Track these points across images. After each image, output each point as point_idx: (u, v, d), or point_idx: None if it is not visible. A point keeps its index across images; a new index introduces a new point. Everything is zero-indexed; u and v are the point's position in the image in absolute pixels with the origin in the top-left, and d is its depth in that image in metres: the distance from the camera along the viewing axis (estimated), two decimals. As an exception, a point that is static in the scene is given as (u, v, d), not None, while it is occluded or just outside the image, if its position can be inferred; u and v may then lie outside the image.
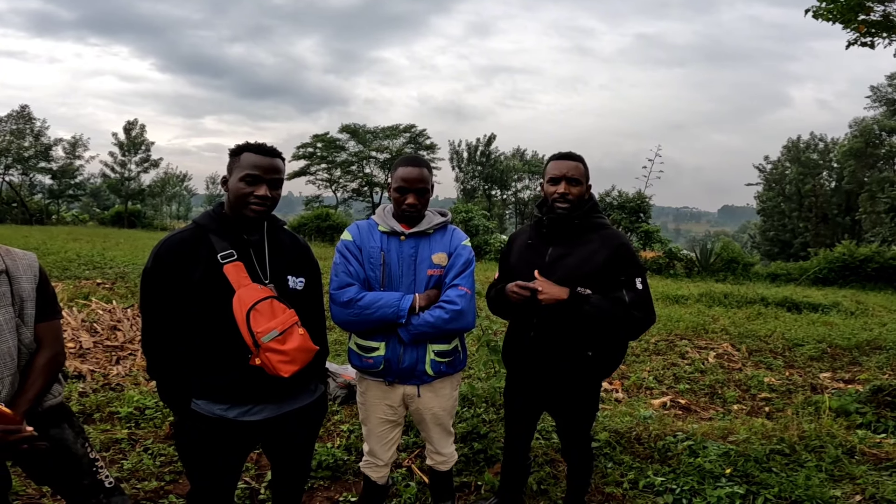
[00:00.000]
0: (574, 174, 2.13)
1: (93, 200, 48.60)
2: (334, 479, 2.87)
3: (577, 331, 2.11)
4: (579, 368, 2.16)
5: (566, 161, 2.16)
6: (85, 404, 3.65)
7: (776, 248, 34.80)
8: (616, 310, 2.05)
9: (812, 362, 5.92)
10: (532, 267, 2.16)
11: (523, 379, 2.33)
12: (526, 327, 2.22)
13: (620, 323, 2.06)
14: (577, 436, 2.33)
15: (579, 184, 2.14)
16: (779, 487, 2.78)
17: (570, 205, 2.14)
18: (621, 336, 2.20)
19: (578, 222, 2.16)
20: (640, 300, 2.06)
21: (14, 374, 1.61)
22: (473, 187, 45.59)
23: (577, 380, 2.19)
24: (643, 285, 2.09)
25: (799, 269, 15.88)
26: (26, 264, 1.70)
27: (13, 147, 34.38)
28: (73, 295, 7.10)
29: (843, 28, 6.12)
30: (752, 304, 9.75)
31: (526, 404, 2.37)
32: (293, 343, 1.71)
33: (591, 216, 2.18)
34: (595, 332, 2.11)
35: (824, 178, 34.69)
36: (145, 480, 2.76)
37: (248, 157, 1.73)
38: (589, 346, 2.13)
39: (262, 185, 1.72)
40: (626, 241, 2.17)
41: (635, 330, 2.10)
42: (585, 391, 2.24)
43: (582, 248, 2.13)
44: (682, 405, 4.44)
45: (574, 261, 2.11)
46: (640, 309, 2.06)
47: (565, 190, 2.12)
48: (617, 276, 2.08)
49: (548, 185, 2.19)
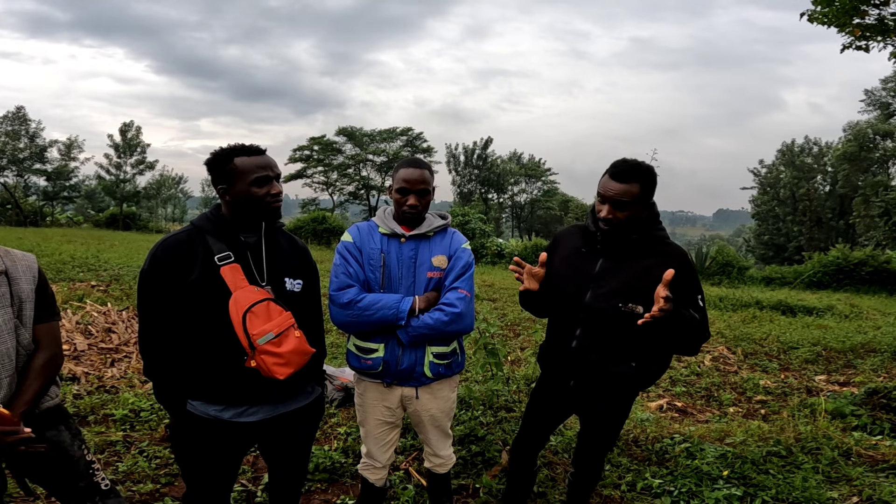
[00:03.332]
0: (622, 197, 1.89)
1: (87, 202, 48.36)
2: (332, 482, 2.86)
3: (621, 342, 1.99)
4: (621, 379, 2.05)
5: (615, 183, 1.90)
6: (80, 406, 3.62)
7: (771, 251, 34.97)
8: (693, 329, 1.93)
9: (807, 365, 5.95)
10: (579, 275, 2.02)
11: (559, 385, 2.20)
12: (568, 336, 2.08)
13: (695, 338, 1.96)
14: (599, 445, 2.23)
15: (628, 208, 1.90)
16: (776, 489, 2.78)
17: (612, 228, 1.95)
18: (684, 352, 2.06)
19: (636, 237, 1.98)
20: (704, 318, 1.96)
21: (12, 375, 1.60)
22: (470, 191, 45.63)
23: (617, 390, 2.09)
24: (703, 303, 1.98)
25: (793, 272, 15.98)
26: (25, 265, 1.69)
27: (8, 148, 34.23)
28: (67, 297, 7.06)
29: (838, 32, 6.16)
30: (748, 307, 9.80)
31: (555, 410, 2.27)
32: (289, 346, 1.70)
33: (650, 230, 2.00)
34: (641, 344, 1.98)
35: (818, 181, 34.90)
36: (141, 483, 2.74)
37: (247, 161, 1.72)
38: (633, 356, 2.01)
39: (274, 183, 1.76)
40: (688, 258, 2.00)
41: (698, 346, 2.01)
42: (621, 401, 2.14)
43: (637, 262, 1.95)
44: (678, 408, 4.45)
45: (627, 275, 1.96)
46: (704, 327, 1.97)
47: (608, 214, 1.92)
48: (680, 294, 1.91)
49: (596, 199, 1.99)
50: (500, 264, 18.96)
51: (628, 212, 1.91)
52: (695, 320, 1.91)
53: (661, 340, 1.98)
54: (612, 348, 2.01)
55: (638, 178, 1.90)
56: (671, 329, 1.86)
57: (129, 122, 37.61)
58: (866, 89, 31.71)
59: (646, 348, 2.01)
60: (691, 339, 1.95)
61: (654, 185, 1.95)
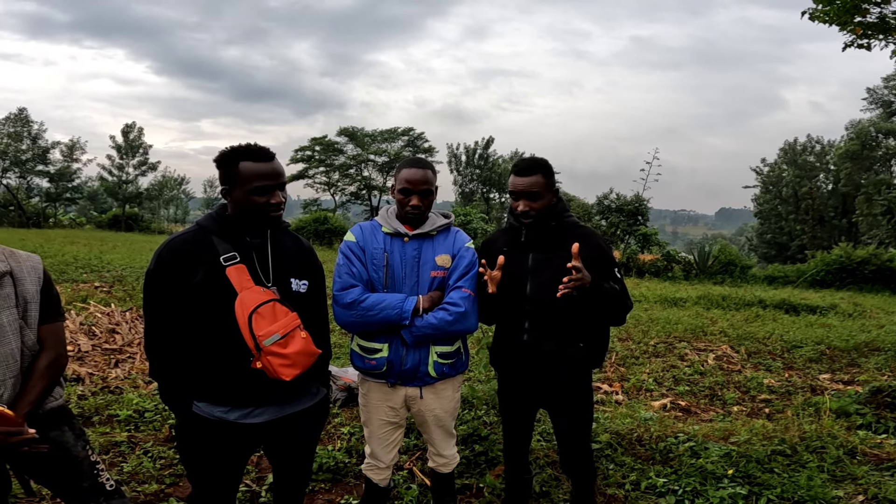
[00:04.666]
0: (532, 189, 2.12)
1: (90, 204, 48.48)
2: (335, 482, 2.86)
3: (567, 325, 2.16)
4: (573, 361, 2.20)
5: (522, 178, 2.14)
6: (84, 407, 3.63)
7: (773, 250, 34.87)
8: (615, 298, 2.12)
9: (811, 364, 5.93)
10: (516, 272, 2.17)
11: (518, 380, 2.32)
12: (517, 331, 2.22)
13: (620, 307, 2.15)
14: (577, 437, 2.29)
15: (540, 198, 2.13)
16: (781, 488, 2.78)
17: (533, 219, 2.15)
18: (612, 322, 2.27)
19: (555, 224, 2.19)
20: (624, 288, 2.16)
21: (17, 375, 1.60)
22: (471, 190, 45.60)
23: (572, 371, 2.22)
24: (620, 274, 2.19)
25: (796, 271, 15.93)
26: (30, 266, 1.69)
27: (10, 150, 34.30)
28: (71, 298, 7.08)
29: (840, 30, 6.14)
30: (751, 306, 9.78)
31: (522, 405, 2.36)
32: (295, 347, 1.70)
33: (562, 218, 2.21)
34: (584, 324, 2.17)
35: (821, 180, 34.77)
36: (145, 483, 2.74)
37: (251, 167, 1.69)
38: (579, 337, 2.18)
39: (275, 193, 1.73)
40: (601, 238, 2.25)
41: (624, 316, 2.20)
42: (580, 383, 2.26)
43: (562, 250, 2.11)
44: (682, 407, 4.44)
45: (557, 263, 2.10)
46: (625, 296, 2.17)
47: (526, 208, 2.13)
48: (599, 269, 2.11)
49: (511, 197, 2.20)
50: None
51: (541, 201, 2.13)
52: (615, 290, 2.09)
53: (595, 316, 2.15)
54: (561, 333, 2.16)
55: (538, 170, 2.14)
56: (597, 299, 2.04)
57: (131, 124, 37.67)
58: (868, 87, 31.60)
59: (588, 327, 2.19)
60: (616, 308, 2.12)
61: (553, 175, 2.20)
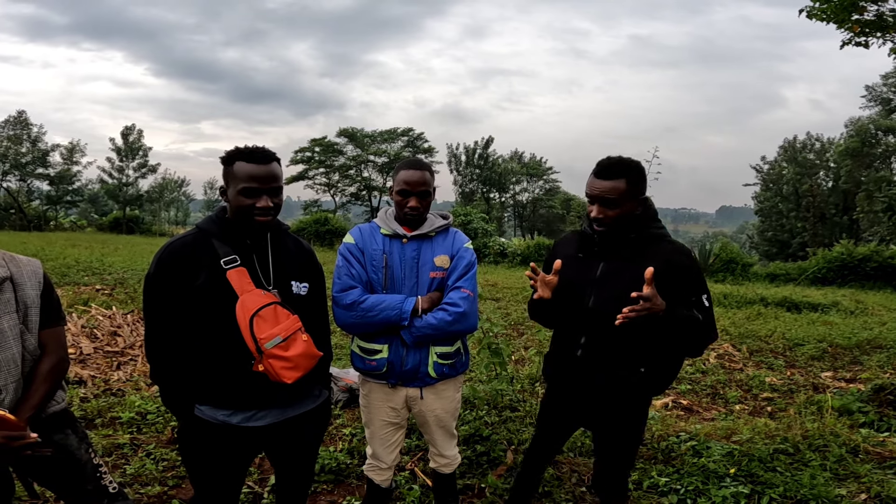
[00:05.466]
0: (609, 195, 1.85)
1: (91, 206, 48.52)
2: (337, 483, 2.86)
3: (628, 347, 1.93)
4: (630, 386, 1.97)
5: (600, 181, 1.87)
6: (86, 410, 3.63)
7: (774, 248, 34.82)
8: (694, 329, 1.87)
9: (813, 362, 5.92)
10: (580, 281, 1.98)
11: (566, 396, 2.15)
12: (573, 345, 2.04)
13: (698, 339, 1.91)
14: (619, 460, 2.13)
15: (617, 206, 1.86)
16: (784, 487, 2.77)
17: (607, 228, 1.91)
18: (688, 353, 2.03)
19: (635, 236, 1.93)
20: (709, 318, 1.89)
21: (18, 380, 1.61)
22: (472, 190, 45.61)
23: (627, 398, 2.01)
24: (709, 302, 1.92)
25: (798, 268, 15.91)
26: (31, 271, 1.69)
27: (10, 153, 34.34)
28: (72, 301, 7.08)
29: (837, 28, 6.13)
30: (752, 304, 9.76)
31: (564, 421, 2.22)
32: (296, 349, 1.69)
33: (648, 228, 1.94)
34: (649, 348, 1.93)
35: (821, 177, 34.72)
36: (148, 485, 2.74)
37: (243, 168, 1.67)
38: (641, 362, 1.94)
39: (263, 197, 1.67)
40: (691, 257, 1.94)
41: (703, 348, 1.96)
42: (634, 410, 2.06)
43: (639, 263, 1.85)
44: (684, 406, 4.44)
45: (629, 277, 1.85)
46: (709, 326, 1.89)
47: (599, 214, 1.89)
48: (683, 294, 1.87)
49: (587, 199, 1.95)
50: (502, 263, 18.95)
51: (619, 209, 1.87)
52: (694, 320, 1.85)
53: (666, 343, 1.91)
54: (619, 354, 1.95)
55: (623, 174, 1.86)
56: (667, 329, 1.82)
57: (131, 126, 37.72)
58: (867, 85, 31.55)
59: (654, 353, 1.95)
60: (692, 340, 1.90)
61: (642, 181, 1.91)
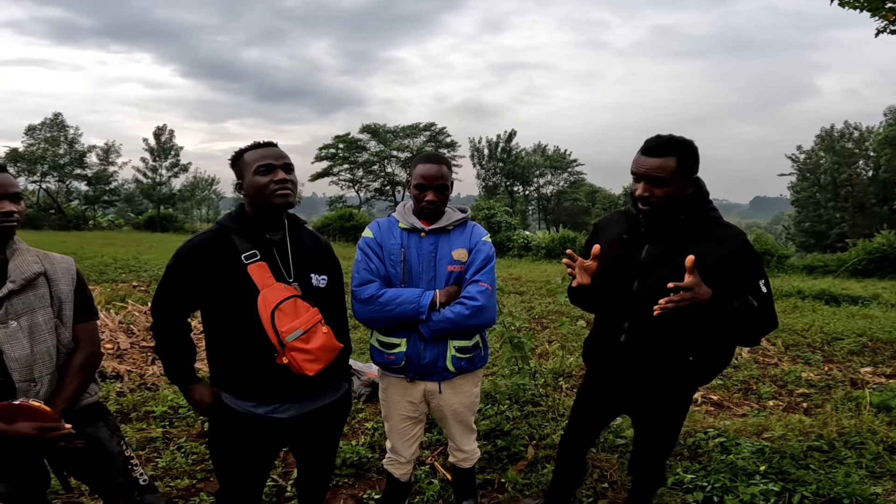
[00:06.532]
0: (656, 173, 1.75)
1: (127, 206, 50.17)
2: (358, 477, 2.90)
3: (676, 334, 1.85)
4: (678, 374, 1.91)
5: (648, 158, 1.77)
6: (123, 404, 3.76)
7: (812, 239, 33.61)
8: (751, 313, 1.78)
9: (852, 357, 5.70)
10: (623, 264, 1.89)
11: (608, 383, 2.09)
12: (616, 330, 1.97)
13: (754, 327, 1.81)
14: (659, 447, 2.11)
15: (665, 184, 1.76)
16: (816, 484, 2.68)
17: (653, 207, 1.81)
18: (742, 342, 1.92)
19: (685, 217, 1.82)
20: (767, 305, 1.79)
21: (52, 372, 1.66)
22: (495, 184, 45.38)
23: (673, 386, 1.96)
24: (767, 288, 1.81)
25: (837, 260, 15.32)
26: (64, 267, 1.76)
27: (48, 155, 35.72)
28: (110, 298, 7.34)
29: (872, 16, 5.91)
30: (789, 297, 9.44)
31: (604, 408, 2.17)
32: (317, 342, 1.72)
33: (702, 211, 1.84)
34: (698, 335, 1.85)
35: (860, 167, 33.32)
36: (178, 478, 2.82)
37: (252, 154, 1.76)
38: (690, 350, 1.87)
39: (278, 171, 1.73)
40: (746, 241, 1.84)
41: (759, 336, 1.86)
42: (679, 398, 2.00)
43: (689, 246, 1.76)
44: (714, 401, 4.33)
45: (678, 261, 1.72)
46: (767, 314, 1.80)
47: (644, 192, 1.79)
48: (738, 280, 1.79)
49: (633, 177, 1.86)
50: (526, 257, 18.81)
51: (667, 189, 1.77)
52: (748, 308, 1.75)
53: (717, 331, 1.81)
54: (665, 341, 1.87)
55: (673, 151, 1.75)
56: (718, 317, 1.73)
57: (162, 126, 38.80)
58: (906, 71, 30.02)
59: (703, 340, 1.86)
60: (747, 328, 1.80)
61: (695, 159, 1.79)
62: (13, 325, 1.60)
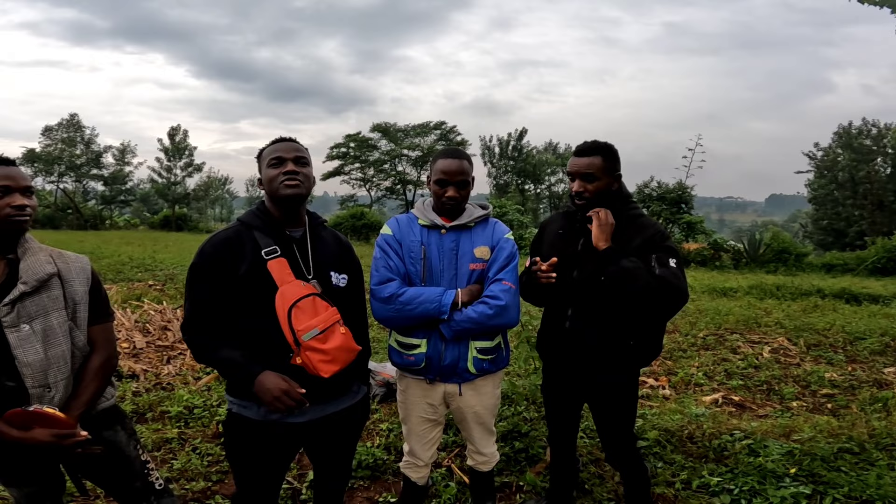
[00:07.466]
0: (587, 170, 2.08)
1: (143, 205, 50.78)
2: (374, 479, 2.85)
3: (615, 319, 2.07)
4: (619, 357, 2.12)
5: (579, 159, 2.11)
6: (138, 404, 3.76)
7: (830, 237, 32.99)
8: (647, 277, 1.95)
9: (875, 356, 5.55)
10: (564, 256, 2.13)
11: (560, 371, 2.28)
12: (560, 317, 2.18)
13: (650, 291, 1.94)
14: (617, 432, 2.24)
15: (595, 179, 2.08)
16: (848, 487, 2.60)
17: (586, 201, 2.10)
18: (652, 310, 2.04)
19: (613, 212, 2.11)
20: (673, 275, 1.96)
21: (68, 377, 1.60)
22: (506, 182, 45.20)
23: (616, 369, 2.14)
24: (678, 266, 2.00)
25: (856, 258, 14.98)
26: (79, 267, 1.68)
27: (65, 155, 36.25)
28: (126, 297, 7.40)
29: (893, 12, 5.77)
30: (808, 295, 9.25)
31: (565, 397, 2.32)
32: (334, 342, 1.68)
33: (624, 209, 2.13)
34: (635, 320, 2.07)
35: (879, 164, 32.64)
36: (193, 481, 2.80)
37: (269, 149, 1.81)
38: (629, 334, 2.09)
39: (288, 163, 1.75)
40: (662, 229, 2.14)
41: (665, 301, 1.96)
42: (625, 381, 2.18)
43: (616, 237, 2.07)
44: (735, 402, 4.23)
45: None
46: (670, 282, 1.95)
47: (580, 188, 2.09)
48: (643, 253, 2.02)
49: (569, 178, 2.18)
50: (539, 256, 18.65)
51: (597, 183, 2.08)
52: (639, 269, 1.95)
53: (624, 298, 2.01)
54: (606, 325, 2.09)
55: (598, 151, 2.09)
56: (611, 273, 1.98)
57: (177, 126, 39.16)
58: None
59: (640, 324, 2.09)
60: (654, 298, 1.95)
61: (616, 159, 2.12)
62: (25, 328, 1.52)
